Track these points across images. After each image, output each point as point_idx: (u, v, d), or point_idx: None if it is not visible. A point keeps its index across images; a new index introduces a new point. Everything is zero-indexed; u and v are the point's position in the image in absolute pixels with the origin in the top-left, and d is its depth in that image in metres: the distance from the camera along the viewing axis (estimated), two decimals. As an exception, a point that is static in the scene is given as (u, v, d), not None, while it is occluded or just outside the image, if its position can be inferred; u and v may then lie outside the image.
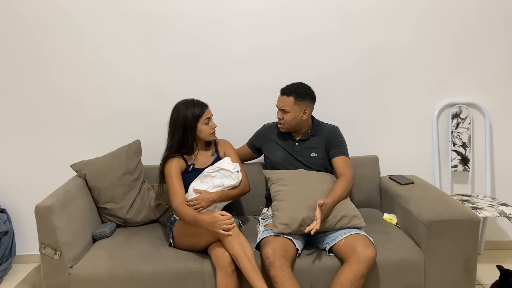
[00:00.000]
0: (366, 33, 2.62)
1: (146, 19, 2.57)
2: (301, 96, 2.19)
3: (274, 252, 1.83)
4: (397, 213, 2.31)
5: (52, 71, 2.63)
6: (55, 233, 1.91)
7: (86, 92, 2.66)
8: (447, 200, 2.14)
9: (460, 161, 2.72)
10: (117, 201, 2.31)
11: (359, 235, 1.93)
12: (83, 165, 2.31)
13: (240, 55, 2.63)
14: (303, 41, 2.62)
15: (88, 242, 2.15)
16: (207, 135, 2.17)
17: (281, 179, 2.15)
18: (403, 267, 1.97)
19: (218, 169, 2.13)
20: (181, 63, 2.63)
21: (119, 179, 2.32)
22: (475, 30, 2.62)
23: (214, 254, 1.91)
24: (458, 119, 2.70)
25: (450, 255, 1.98)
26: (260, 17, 2.59)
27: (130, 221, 2.35)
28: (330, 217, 1.98)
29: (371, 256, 1.82)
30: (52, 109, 2.68)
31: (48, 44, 2.59)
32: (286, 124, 2.24)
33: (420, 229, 2.02)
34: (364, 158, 2.59)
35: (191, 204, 2.03)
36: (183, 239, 2.06)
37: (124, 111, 2.68)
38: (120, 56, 2.61)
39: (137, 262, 1.98)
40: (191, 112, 2.11)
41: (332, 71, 2.66)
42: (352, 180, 2.17)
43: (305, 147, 2.30)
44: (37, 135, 2.71)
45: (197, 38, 2.60)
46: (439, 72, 2.68)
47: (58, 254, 1.91)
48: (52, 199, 1.96)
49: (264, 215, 2.22)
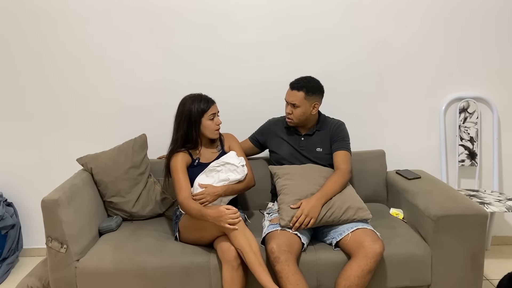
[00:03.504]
0: (373, 26, 2.59)
1: (151, 12, 2.55)
2: (312, 90, 2.17)
3: (279, 247, 1.82)
4: (404, 208, 2.30)
5: (58, 67, 2.63)
6: (62, 227, 1.91)
7: (92, 87, 2.66)
8: (455, 194, 2.12)
9: (467, 156, 2.69)
10: (123, 195, 2.31)
11: (366, 229, 1.92)
12: (89, 159, 2.31)
13: (246, 49, 2.61)
14: (309, 35, 2.60)
15: (94, 236, 2.15)
16: (211, 131, 2.16)
17: (287, 174, 2.14)
18: (410, 262, 1.95)
19: (224, 163, 2.12)
20: (186, 57, 2.62)
21: (125, 173, 2.32)
22: (484, 23, 2.59)
23: (220, 248, 1.90)
24: (466, 113, 2.68)
25: (457, 250, 1.97)
26: (266, 11, 2.57)
27: (136, 215, 2.35)
28: (336, 209, 1.97)
29: (379, 251, 1.81)
30: (58, 104, 2.68)
31: (53, 40, 2.59)
32: (295, 119, 2.23)
33: (427, 224, 2.01)
34: (370, 153, 2.58)
35: (197, 199, 2.03)
36: (189, 233, 2.06)
37: (131, 106, 2.68)
38: (126, 51, 2.61)
39: (143, 255, 1.97)
40: (196, 106, 2.11)
41: (338, 65, 2.64)
42: (346, 175, 2.13)
43: (310, 142, 2.29)
44: (43, 130, 2.72)
45: (203, 32, 2.59)
46: (446, 65, 2.65)
47: (64, 248, 1.92)
48: (59, 192, 1.96)
49: (269, 210, 2.21)
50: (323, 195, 1.99)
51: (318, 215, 1.94)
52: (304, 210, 1.93)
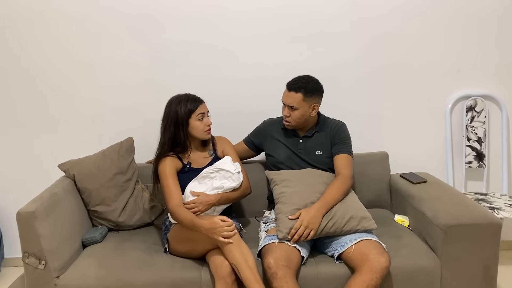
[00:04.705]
0: (374, 21, 2.45)
1: (140, 8, 2.39)
2: (310, 91, 2.02)
3: (277, 261, 1.68)
4: (410, 214, 2.16)
5: (39, 66, 2.46)
6: (39, 241, 1.75)
7: (74, 87, 2.49)
8: (465, 201, 1.98)
9: (475, 157, 2.56)
10: (109, 204, 2.16)
11: (371, 241, 1.78)
12: (72, 165, 2.16)
13: (240, 45, 2.46)
14: (306, 29, 2.45)
15: (77, 249, 1.99)
16: (200, 132, 2.01)
17: (285, 180, 1.99)
18: (418, 275, 1.82)
19: (218, 169, 1.97)
20: (176, 54, 2.46)
21: (111, 180, 2.16)
22: (493, 17, 2.45)
23: (213, 262, 1.76)
24: (473, 112, 2.54)
25: (469, 262, 1.84)
26: (261, 3, 2.41)
27: (123, 225, 2.19)
28: (337, 219, 1.83)
29: (385, 265, 1.67)
30: (39, 105, 2.51)
31: (35, 39, 2.42)
32: (293, 122, 2.08)
33: (435, 233, 1.87)
34: (373, 155, 2.44)
35: (188, 207, 1.88)
36: (179, 245, 1.91)
37: (116, 106, 2.52)
38: (110, 48, 2.44)
39: (129, 271, 1.82)
40: (183, 107, 1.97)
41: (338, 61, 2.50)
42: (349, 181, 1.99)
43: (309, 145, 2.14)
44: (23, 132, 2.55)
45: (193, 27, 2.42)
46: (453, 62, 2.51)
47: (42, 264, 1.76)
48: (36, 203, 1.80)
49: (266, 219, 2.06)
50: (324, 204, 1.85)
51: (318, 226, 1.79)
52: (304, 221, 1.78)
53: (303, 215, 1.80)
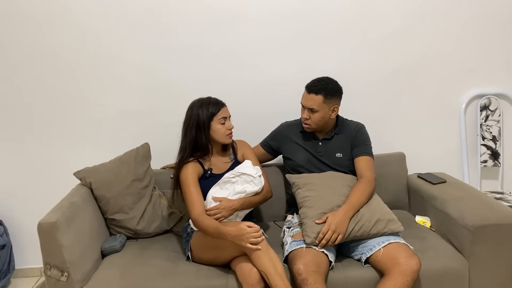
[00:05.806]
0: (387, 21, 2.42)
1: (150, 8, 2.34)
2: (331, 93, 1.99)
3: (307, 267, 1.64)
4: (431, 215, 2.14)
5: (50, 69, 2.39)
6: (62, 252, 1.70)
7: (87, 91, 2.43)
8: (488, 201, 1.96)
9: (490, 156, 2.55)
10: (127, 211, 2.11)
11: (399, 244, 1.76)
12: (88, 173, 2.10)
13: (254, 47, 2.42)
14: (320, 30, 2.42)
15: (96, 259, 1.94)
16: (222, 136, 1.97)
17: (308, 184, 1.96)
18: (446, 276, 1.80)
19: (239, 174, 1.94)
20: (190, 57, 2.41)
21: (128, 187, 2.11)
22: (506, 13, 2.43)
23: (240, 270, 1.72)
24: (487, 111, 2.53)
25: (497, 262, 1.82)
26: (275, 6, 2.37)
27: (141, 233, 2.14)
28: (364, 222, 1.80)
29: (416, 268, 1.65)
30: (51, 110, 2.45)
31: (45, 40, 2.36)
32: (313, 124, 2.05)
33: (462, 234, 1.85)
34: (390, 156, 2.41)
35: (211, 214, 1.84)
36: (202, 253, 1.87)
37: (130, 110, 2.46)
38: (124, 51, 2.39)
39: (153, 280, 1.78)
40: (205, 110, 1.93)
41: (351, 62, 2.47)
42: (372, 183, 1.97)
43: (329, 147, 2.12)
44: (34, 138, 2.48)
45: (204, 30, 2.38)
46: (465, 61, 2.49)
47: (65, 276, 1.71)
48: (56, 213, 1.75)
49: (289, 223, 2.03)
50: (350, 207, 1.82)
51: (346, 230, 1.77)
52: (331, 225, 1.75)
53: (330, 219, 1.77)
